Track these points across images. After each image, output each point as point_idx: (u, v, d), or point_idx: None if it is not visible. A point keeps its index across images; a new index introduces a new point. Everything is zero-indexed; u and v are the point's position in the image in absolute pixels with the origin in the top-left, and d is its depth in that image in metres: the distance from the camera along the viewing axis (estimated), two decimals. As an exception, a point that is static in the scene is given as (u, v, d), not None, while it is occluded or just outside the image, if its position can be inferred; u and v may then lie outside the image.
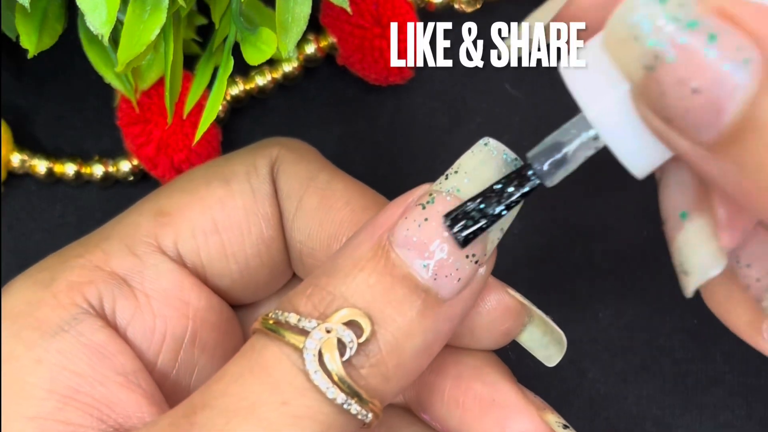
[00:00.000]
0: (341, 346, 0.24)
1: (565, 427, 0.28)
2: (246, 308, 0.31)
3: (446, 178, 0.25)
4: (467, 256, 0.25)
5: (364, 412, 0.24)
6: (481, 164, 0.25)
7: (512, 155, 0.25)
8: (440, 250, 0.24)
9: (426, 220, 0.25)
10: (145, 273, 0.28)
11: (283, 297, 0.25)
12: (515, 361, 0.29)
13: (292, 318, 0.24)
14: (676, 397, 0.37)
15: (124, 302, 0.27)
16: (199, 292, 0.29)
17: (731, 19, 0.21)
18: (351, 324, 0.24)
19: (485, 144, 0.26)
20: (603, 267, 0.31)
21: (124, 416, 0.26)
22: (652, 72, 0.21)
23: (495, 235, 0.25)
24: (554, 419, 0.28)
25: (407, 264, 0.24)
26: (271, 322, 0.24)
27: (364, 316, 0.24)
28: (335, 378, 0.23)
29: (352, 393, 0.23)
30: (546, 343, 0.29)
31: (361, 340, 0.24)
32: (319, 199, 0.29)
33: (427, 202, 0.25)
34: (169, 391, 0.28)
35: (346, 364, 0.24)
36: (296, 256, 0.30)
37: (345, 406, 0.23)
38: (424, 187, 0.25)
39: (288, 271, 0.31)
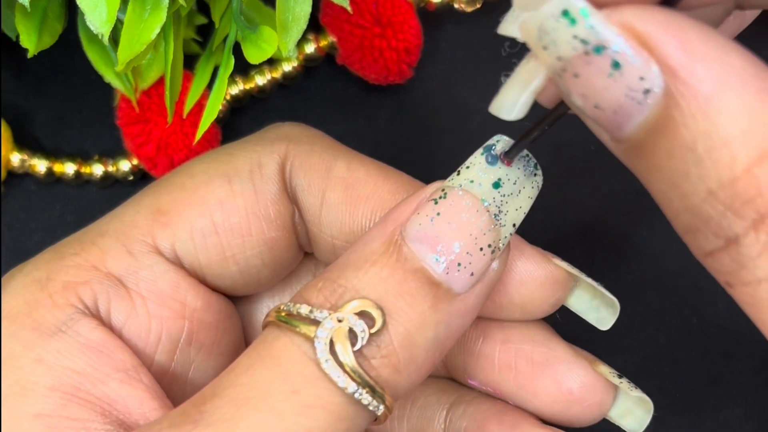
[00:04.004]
0: (352, 336, 0.23)
1: (620, 376, 0.29)
2: (248, 297, 0.31)
3: (458, 174, 0.25)
4: (481, 249, 0.25)
5: (375, 403, 0.24)
6: (494, 160, 0.25)
7: (524, 151, 0.26)
8: (453, 244, 0.24)
9: (438, 214, 0.25)
10: (140, 274, 0.28)
11: (295, 293, 0.25)
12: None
13: (304, 309, 0.24)
14: (676, 397, 0.37)
15: (119, 304, 0.27)
16: (196, 292, 0.28)
17: (640, 40, 0.20)
18: (362, 315, 0.24)
19: (497, 141, 0.26)
20: (602, 267, 0.31)
21: (125, 413, 0.26)
22: (560, 78, 0.21)
23: (507, 230, 0.25)
24: (607, 370, 0.29)
25: (420, 258, 0.24)
26: (283, 314, 0.24)
27: (375, 307, 0.24)
28: (346, 368, 0.23)
29: (363, 383, 0.23)
30: (597, 306, 0.29)
31: (373, 330, 0.24)
32: (344, 190, 0.29)
33: (440, 197, 0.25)
34: (166, 388, 0.28)
35: (358, 354, 0.23)
36: (328, 249, 0.29)
37: (356, 395, 0.23)
38: (436, 184, 0.25)
39: (292, 264, 0.30)
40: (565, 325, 0.30)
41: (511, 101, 0.23)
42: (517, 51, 0.25)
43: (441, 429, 0.30)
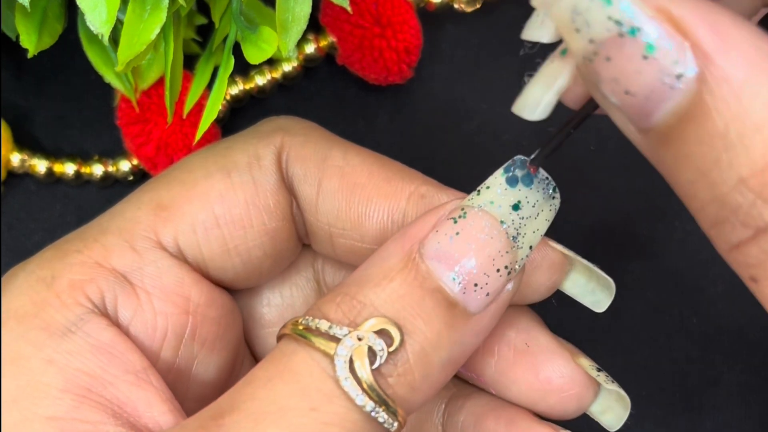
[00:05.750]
0: (371, 354, 0.24)
1: (599, 370, 0.29)
2: (248, 291, 0.31)
3: (478, 194, 0.25)
4: (497, 270, 0.25)
5: (390, 420, 0.24)
6: (513, 181, 0.25)
7: (544, 173, 0.26)
8: (470, 264, 0.24)
9: (457, 234, 0.25)
10: (145, 270, 0.28)
11: (312, 305, 0.25)
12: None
13: (323, 325, 0.24)
14: (676, 397, 0.37)
15: (125, 300, 0.27)
16: (200, 287, 0.28)
17: (674, 23, 0.20)
18: (381, 333, 0.24)
19: (517, 161, 0.26)
20: (602, 266, 0.31)
21: (135, 416, 0.26)
22: (591, 63, 0.21)
23: (524, 252, 0.25)
24: (588, 363, 0.29)
25: (437, 276, 0.24)
26: (301, 327, 0.24)
27: (394, 325, 0.24)
28: (365, 385, 0.23)
29: (380, 401, 0.24)
30: (592, 289, 0.29)
31: (392, 349, 0.24)
32: (340, 178, 0.29)
33: (459, 217, 0.25)
34: (170, 384, 0.28)
35: (375, 372, 0.24)
36: (325, 238, 0.29)
37: (373, 413, 0.24)
38: (455, 202, 0.25)
39: (292, 256, 0.31)
40: (565, 324, 0.30)
41: (535, 101, 0.23)
42: (537, 51, 0.25)
43: (439, 422, 0.30)
